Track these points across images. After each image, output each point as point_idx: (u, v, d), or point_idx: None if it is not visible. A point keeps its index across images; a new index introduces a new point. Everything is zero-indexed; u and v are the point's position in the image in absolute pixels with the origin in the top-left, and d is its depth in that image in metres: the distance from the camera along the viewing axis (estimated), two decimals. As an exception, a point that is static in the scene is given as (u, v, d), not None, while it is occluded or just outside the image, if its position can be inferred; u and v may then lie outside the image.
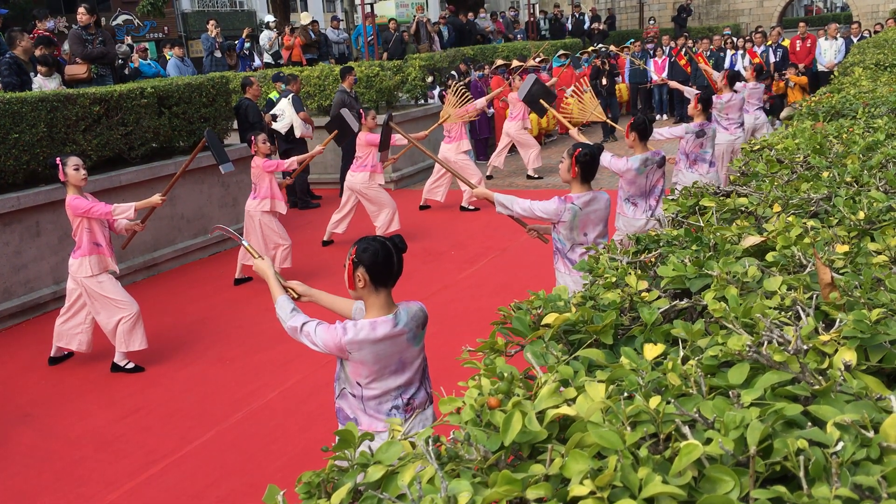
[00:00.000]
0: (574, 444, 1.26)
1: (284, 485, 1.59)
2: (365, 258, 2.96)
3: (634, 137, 5.89)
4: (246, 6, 39.18)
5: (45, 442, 4.95)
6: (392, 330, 2.97)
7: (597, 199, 4.63)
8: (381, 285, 3.01)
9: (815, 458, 1.12)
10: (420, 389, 3.15)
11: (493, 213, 9.07)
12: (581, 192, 4.61)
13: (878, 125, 4.08)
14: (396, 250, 3.02)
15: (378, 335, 2.95)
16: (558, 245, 4.74)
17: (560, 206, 4.56)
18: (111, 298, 5.72)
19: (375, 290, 3.00)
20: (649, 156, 5.77)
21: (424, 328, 3.16)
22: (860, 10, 26.61)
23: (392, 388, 3.05)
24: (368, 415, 3.07)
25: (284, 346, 6.11)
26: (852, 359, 1.41)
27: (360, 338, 2.93)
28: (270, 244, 7.64)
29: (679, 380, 1.41)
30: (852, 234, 2.28)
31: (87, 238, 5.65)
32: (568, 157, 4.60)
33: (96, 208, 5.58)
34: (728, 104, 9.10)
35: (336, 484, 1.37)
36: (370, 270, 2.96)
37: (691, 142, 7.40)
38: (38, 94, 7.52)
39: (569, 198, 4.59)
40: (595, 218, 4.64)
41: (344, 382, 3.11)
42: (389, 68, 13.10)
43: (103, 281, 5.71)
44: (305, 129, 11.01)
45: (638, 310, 1.85)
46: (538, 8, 25.06)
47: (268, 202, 7.51)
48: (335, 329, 2.97)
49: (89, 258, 5.64)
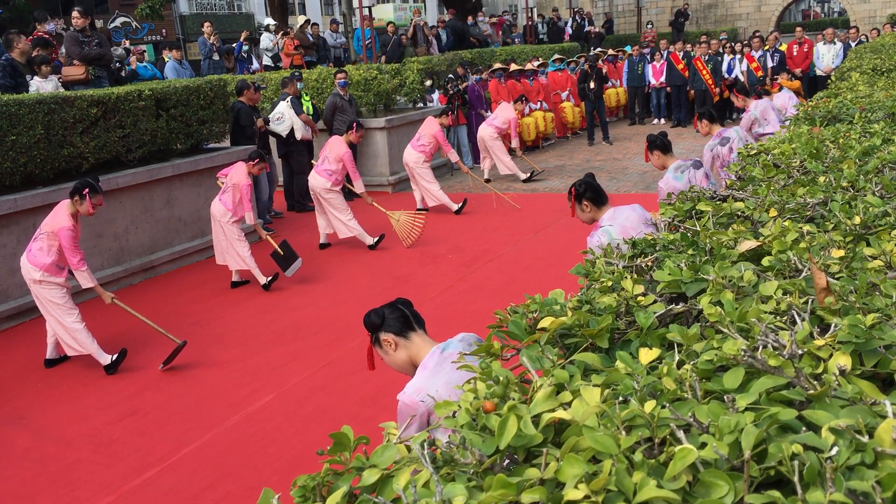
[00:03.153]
0: (569, 448, 1.26)
1: (281, 488, 1.58)
2: (376, 322, 2.89)
3: (658, 155, 5.76)
4: (244, 9, 39.22)
5: (40, 444, 4.94)
6: (440, 356, 2.79)
7: (619, 211, 4.48)
8: (409, 329, 2.89)
9: (809, 463, 1.12)
10: None
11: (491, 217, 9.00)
12: (603, 214, 4.49)
13: (874, 130, 4.09)
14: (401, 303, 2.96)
15: (430, 368, 2.77)
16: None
17: (595, 239, 4.38)
18: (57, 302, 5.83)
19: (408, 339, 2.88)
20: (680, 162, 5.69)
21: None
22: (857, 15, 26.69)
23: None
24: None
25: (281, 349, 6.11)
26: (847, 363, 1.41)
27: (417, 382, 2.74)
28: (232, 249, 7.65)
29: (674, 384, 1.41)
30: (848, 238, 2.29)
31: (56, 258, 5.78)
32: (570, 199, 4.51)
33: (71, 255, 5.69)
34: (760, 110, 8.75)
35: (331, 487, 1.37)
36: (389, 327, 2.87)
37: (723, 153, 7.20)
38: (35, 97, 7.52)
39: (594, 225, 4.48)
40: (630, 224, 4.42)
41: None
42: (387, 71, 13.11)
43: (52, 288, 5.82)
44: (306, 131, 11.01)
45: (634, 314, 1.86)
46: (536, 12, 25.07)
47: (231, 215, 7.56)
48: (399, 407, 2.77)
49: (47, 274, 5.77)
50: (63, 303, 5.83)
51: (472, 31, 19.65)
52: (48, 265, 5.74)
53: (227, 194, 7.58)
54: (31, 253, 5.79)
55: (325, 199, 8.82)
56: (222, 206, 7.60)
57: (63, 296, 5.86)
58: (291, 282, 7.83)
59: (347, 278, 7.98)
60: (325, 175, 8.72)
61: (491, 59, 16.32)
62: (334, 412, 5.06)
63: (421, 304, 7.13)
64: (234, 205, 7.57)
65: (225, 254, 7.74)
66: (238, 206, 7.59)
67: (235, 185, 7.54)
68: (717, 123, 7.24)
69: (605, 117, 15.78)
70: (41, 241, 5.76)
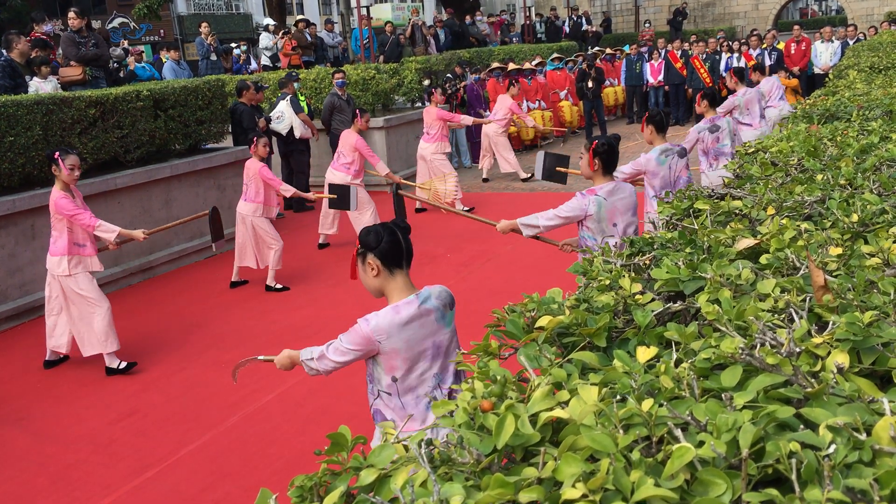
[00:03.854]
0: (567, 447, 1.26)
1: (281, 488, 1.58)
2: (371, 242, 2.91)
3: (651, 130, 5.85)
4: (242, 9, 39.19)
5: (40, 445, 4.94)
6: (417, 310, 2.87)
7: (620, 188, 4.58)
8: (396, 266, 2.93)
9: (807, 461, 1.12)
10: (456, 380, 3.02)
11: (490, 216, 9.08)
12: (602, 183, 4.57)
13: (872, 128, 4.09)
14: (400, 230, 2.96)
15: (403, 317, 2.85)
16: (588, 243, 4.68)
17: (583, 200, 4.50)
18: (86, 296, 5.71)
19: (391, 274, 2.93)
20: (668, 146, 5.75)
21: (453, 308, 3.05)
22: (855, 14, 26.70)
23: (427, 379, 2.93)
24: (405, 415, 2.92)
25: (280, 349, 6.09)
26: (845, 361, 1.41)
27: (384, 323, 2.83)
28: (263, 246, 7.63)
29: (672, 382, 1.41)
30: (846, 236, 2.29)
31: (68, 238, 5.63)
32: (585, 151, 4.56)
33: (81, 217, 5.55)
34: (746, 98, 9.02)
35: (329, 487, 1.37)
36: (380, 254, 2.90)
37: (708, 139, 7.37)
38: (33, 97, 7.51)
39: (591, 190, 4.53)
40: (622, 206, 4.57)
41: (378, 383, 2.98)
42: (385, 71, 13.11)
43: (80, 279, 5.70)
44: (305, 130, 11.02)
45: (632, 312, 1.85)
46: (534, 11, 25.07)
47: (260, 207, 7.52)
48: (356, 327, 2.87)
49: (68, 258, 5.63)
50: (94, 295, 5.72)
51: (471, 31, 19.64)
52: (66, 246, 5.61)
53: (249, 189, 7.54)
54: (50, 249, 5.71)
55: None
56: (248, 202, 7.55)
57: (93, 287, 5.75)
58: (291, 282, 7.83)
59: (347, 279, 7.97)
60: (342, 170, 8.71)
61: (489, 58, 16.31)
62: (333, 413, 5.05)
63: (420, 304, 7.15)
64: (259, 195, 7.50)
65: (245, 253, 7.69)
66: (266, 195, 7.52)
67: (252, 177, 7.51)
68: (713, 109, 7.43)
69: (604, 116, 15.78)
70: (53, 231, 5.67)
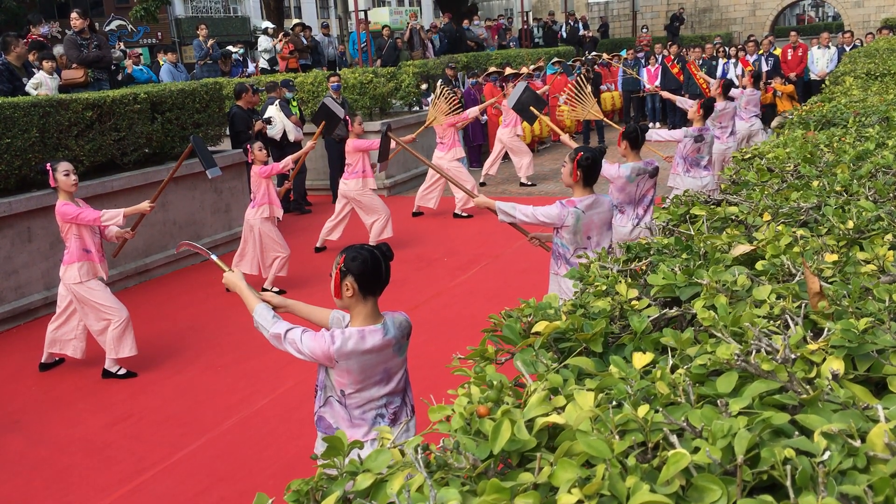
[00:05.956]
0: (563, 452, 1.26)
1: (276, 492, 1.58)
2: (354, 267, 2.95)
3: (626, 146, 5.89)
4: (239, 12, 39.19)
5: (34, 449, 4.92)
6: (381, 340, 2.96)
7: (599, 202, 4.63)
8: (370, 294, 3.00)
9: (802, 468, 1.13)
10: (403, 400, 3.15)
11: (486, 221, 9.02)
12: (583, 195, 4.61)
13: (868, 134, 4.10)
14: (384, 259, 3.01)
15: (367, 346, 2.93)
16: (560, 250, 4.72)
17: (562, 210, 4.55)
18: (100, 304, 5.69)
19: (363, 300, 2.99)
20: (642, 165, 5.79)
21: (408, 339, 3.15)
22: (851, 20, 26.78)
23: (376, 398, 3.04)
24: (353, 424, 3.04)
25: (276, 353, 6.06)
26: (840, 368, 1.41)
27: (348, 348, 2.91)
28: (269, 252, 7.62)
29: (668, 388, 1.42)
30: (841, 243, 2.30)
31: (77, 244, 5.62)
32: (570, 161, 4.59)
33: (84, 214, 5.55)
34: (722, 112, 9.18)
35: (325, 492, 1.37)
36: (359, 279, 2.95)
37: (689, 146, 7.51)
38: (30, 100, 7.51)
39: (570, 202, 4.58)
40: (599, 220, 4.63)
41: (330, 390, 3.09)
42: (383, 75, 13.12)
43: (93, 287, 5.68)
44: (298, 132, 11.02)
45: (628, 318, 1.86)
46: (531, 16, 25.12)
47: (266, 208, 7.51)
48: (322, 337, 2.95)
49: (78, 265, 5.61)
50: (109, 303, 5.70)
51: (468, 35, 19.68)
52: (76, 253, 5.58)
53: (256, 197, 7.51)
54: (64, 258, 5.67)
55: (359, 205, 8.79)
56: (254, 207, 7.52)
57: (107, 296, 5.73)
58: (288, 286, 7.82)
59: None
60: (352, 176, 8.73)
61: (486, 62, 16.33)
62: (329, 416, 5.04)
63: (416, 308, 7.17)
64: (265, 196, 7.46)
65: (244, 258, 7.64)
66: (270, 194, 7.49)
67: (256, 182, 7.49)
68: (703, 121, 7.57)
69: (602, 121, 15.80)
70: (66, 244, 5.64)
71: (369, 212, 8.83)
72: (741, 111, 10.43)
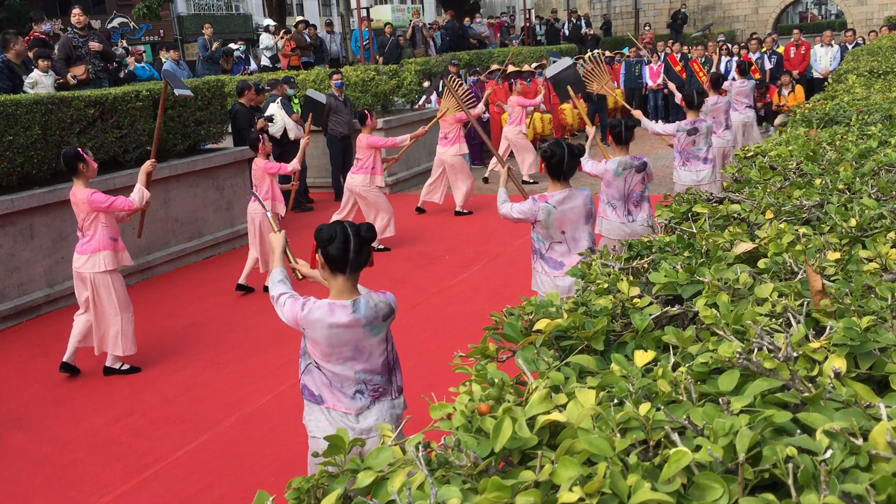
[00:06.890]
0: (564, 450, 1.26)
1: (277, 489, 1.58)
2: (320, 241, 3.00)
3: (612, 142, 6.04)
4: (242, 10, 39.18)
5: (36, 445, 4.93)
6: (348, 317, 2.98)
7: (573, 197, 4.60)
8: (337, 270, 3.03)
9: (804, 466, 1.12)
10: (389, 380, 3.17)
11: (488, 218, 9.01)
12: (555, 190, 4.62)
13: (871, 132, 4.10)
14: (357, 238, 3.00)
15: (333, 320, 2.97)
16: (536, 244, 4.75)
17: (534, 206, 4.58)
18: (119, 298, 5.70)
19: (332, 275, 3.04)
20: (629, 159, 5.82)
21: (388, 320, 3.14)
22: (854, 18, 26.73)
23: (351, 374, 3.08)
24: (333, 392, 3.11)
25: (279, 350, 6.10)
26: (842, 366, 1.41)
27: (313, 317, 2.97)
28: (269, 246, 7.61)
29: (669, 386, 1.42)
30: (844, 241, 2.29)
31: (105, 233, 5.61)
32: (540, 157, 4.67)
33: (118, 202, 5.59)
34: (714, 107, 9.15)
35: (326, 490, 1.37)
36: (324, 255, 3.00)
37: (683, 139, 7.55)
38: (32, 97, 7.51)
39: (542, 197, 4.60)
40: (573, 216, 4.61)
41: (308, 357, 3.17)
42: (385, 73, 13.11)
43: (116, 278, 5.70)
44: (298, 131, 11.02)
45: (629, 316, 1.86)
46: (534, 13, 25.10)
47: (268, 204, 7.50)
48: (297, 302, 3.04)
49: (104, 253, 5.60)
50: (125, 298, 5.73)
51: (470, 32, 19.66)
52: (104, 242, 5.58)
53: (259, 191, 7.51)
54: (81, 247, 5.63)
55: (364, 200, 8.81)
56: (256, 204, 7.53)
57: (124, 291, 5.75)
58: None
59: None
60: (360, 171, 8.75)
61: (489, 60, 16.32)
62: (331, 413, 5.05)
63: (418, 306, 7.18)
64: (269, 192, 7.47)
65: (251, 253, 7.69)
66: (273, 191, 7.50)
67: (260, 177, 7.49)
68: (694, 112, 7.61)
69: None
70: (85, 232, 5.61)
71: (372, 209, 8.83)
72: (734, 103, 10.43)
